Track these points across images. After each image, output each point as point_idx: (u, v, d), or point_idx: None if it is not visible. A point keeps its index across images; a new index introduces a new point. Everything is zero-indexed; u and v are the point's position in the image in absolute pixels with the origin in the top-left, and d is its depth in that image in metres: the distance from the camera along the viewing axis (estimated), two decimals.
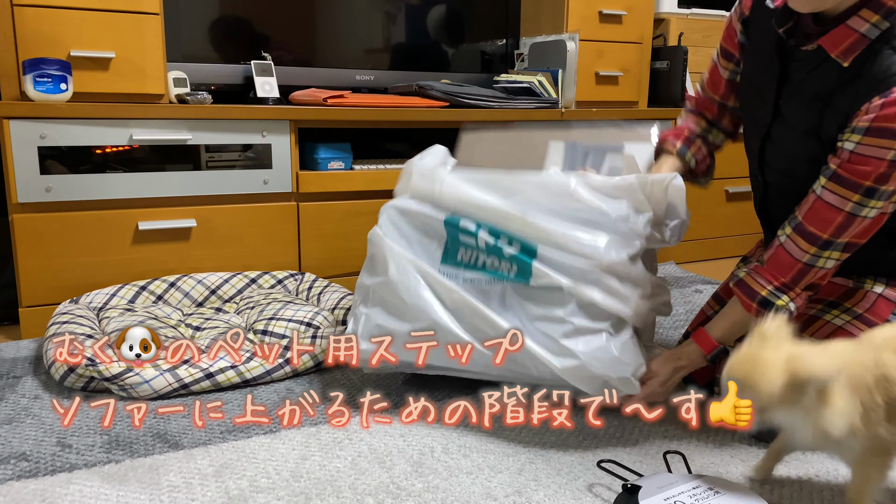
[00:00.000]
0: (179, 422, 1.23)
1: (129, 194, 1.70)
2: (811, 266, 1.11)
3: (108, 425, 1.19)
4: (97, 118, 1.64)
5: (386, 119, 1.93)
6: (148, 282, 1.70)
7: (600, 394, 1.14)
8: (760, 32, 1.24)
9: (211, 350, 1.32)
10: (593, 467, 1.10)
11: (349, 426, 1.22)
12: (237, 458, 1.11)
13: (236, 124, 1.78)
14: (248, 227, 1.83)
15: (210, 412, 1.22)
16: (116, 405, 1.18)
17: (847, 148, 1.05)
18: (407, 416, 1.20)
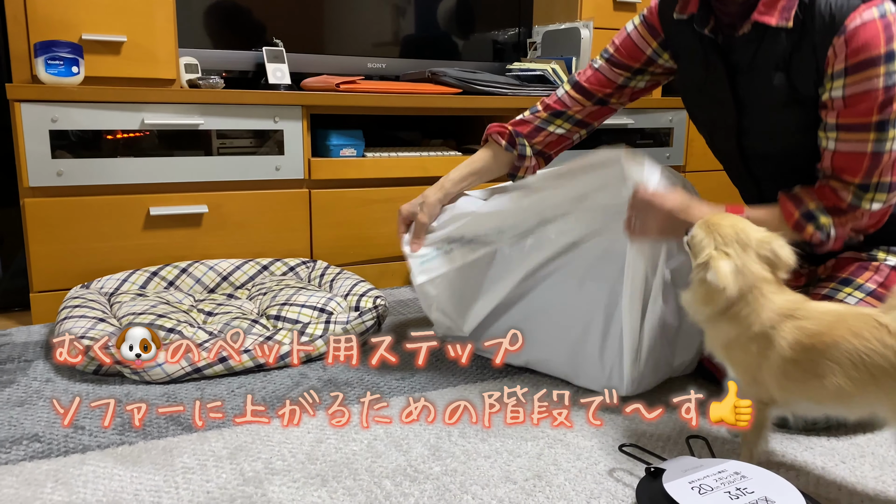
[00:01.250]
0: (192, 405, 1.22)
1: (140, 179, 1.69)
2: (855, 207, 1.09)
3: (107, 425, 1.14)
4: (109, 102, 1.63)
5: (398, 105, 1.91)
6: (159, 267, 1.69)
7: None
8: (682, 47, 1.24)
9: (211, 350, 1.30)
10: (614, 451, 1.08)
11: (364, 410, 1.21)
12: (252, 441, 1.10)
13: (248, 110, 1.76)
14: (260, 214, 1.82)
15: (210, 412, 1.16)
16: (115, 407, 1.14)
17: (836, 96, 1.05)
18: (407, 415, 1.17)
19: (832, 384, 0.89)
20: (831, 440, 1.13)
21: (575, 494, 0.97)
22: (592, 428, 1.16)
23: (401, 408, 1.17)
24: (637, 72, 1.32)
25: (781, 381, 0.94)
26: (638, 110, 2.27)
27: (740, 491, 0.89)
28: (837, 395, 0.90)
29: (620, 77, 1.33)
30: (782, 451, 1.09)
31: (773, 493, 0.89)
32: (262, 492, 0.96)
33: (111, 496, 0.94)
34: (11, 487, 0.96)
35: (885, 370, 0.86)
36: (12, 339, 1.52)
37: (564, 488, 0.98)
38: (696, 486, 0.90)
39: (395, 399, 1.25)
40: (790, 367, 0.93)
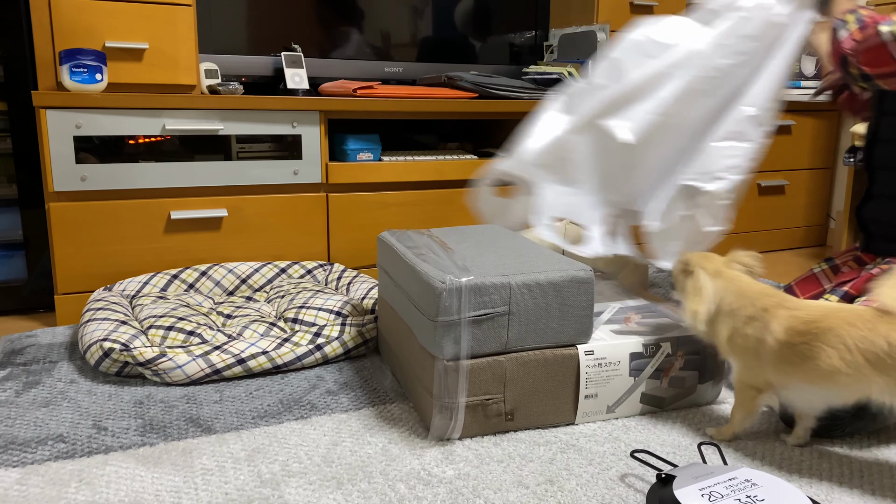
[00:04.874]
0: (212, 407, 1.24)
1: (161, 184, 1.72)
2: None
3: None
4: (131, 108, 1.66)
5: (415, 110, 1.92)
6: (180, 270, 1.72)
7: None
8: None
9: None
10: (626, 457, 1.09)
11: (379, 413, 1.23)
12: (269, 443, 1.12)
13: (267, 115, 1.79)
14: (278, 218, 1.84)
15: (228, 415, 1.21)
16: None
17: None
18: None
19: (827, 365, 0.99)
20: (845, 448, 1.13)
21: (586, 500, 0.98)
22: (604, 433, 1.17)
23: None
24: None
25: (778, 364, 1.05)
26: None
27: (751, 499, 0.90)
28: (831, 376, 0.99)
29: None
30: (796, 459, 1.10)
31: (784, 502, 0.89)
32: (279, 494, 0.98)
33: (133, 496, 0.97)
34: (37, 487, 0.99)
35: (877, 356, 0.96)
36: (38, 341, 1.56)
37: (576, 493, 0.99)
38: (707, 494, 0.91)
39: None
40: (786, 350, 1.03)
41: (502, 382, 1.14)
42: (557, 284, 1.14)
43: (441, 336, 1.09)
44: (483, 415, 1.14)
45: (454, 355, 1.10)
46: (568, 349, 1.17)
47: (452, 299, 1.08)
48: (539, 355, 1.15)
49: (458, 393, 1.11)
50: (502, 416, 1.15)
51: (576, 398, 1.18)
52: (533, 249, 1.29)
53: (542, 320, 1.15)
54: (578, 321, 1.17)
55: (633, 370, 1.20)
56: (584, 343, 1.18)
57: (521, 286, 1.12)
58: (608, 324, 1.28)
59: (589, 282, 1.16)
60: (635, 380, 1.21)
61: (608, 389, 1.20)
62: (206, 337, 1.41)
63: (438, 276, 1.10)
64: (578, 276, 1.16)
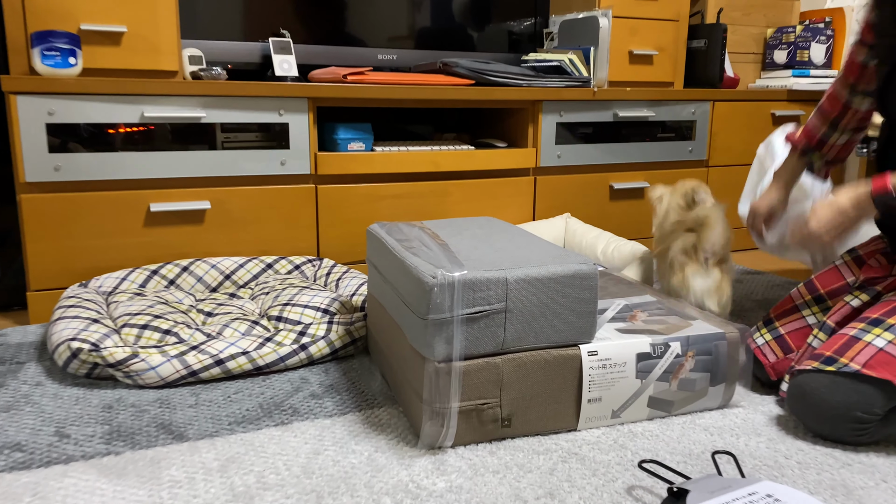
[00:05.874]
0: (186, 412, 1.15)
1: (140, 174, 1.63)
2: None
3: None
4: (107, 94, 1.57)
5: (408, 97, 1.83)
6: (160, 266, 1.63)
7: None
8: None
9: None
10: (633, 468, 1.00)
11: (365, 418, 1.14)
12: (245, 452, 1.03)
13: (252, 102, 1.70)
14: (265, 210, 1.75)
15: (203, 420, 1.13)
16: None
17: None
18: None
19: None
20: (871, 456, 1.04)
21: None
22: (609, 440, 1.08)
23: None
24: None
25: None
26: (658, 102, 2.17)
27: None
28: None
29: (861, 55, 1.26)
30: (819, 469, 1.01)
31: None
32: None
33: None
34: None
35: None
36: (7, 340, 1.47)
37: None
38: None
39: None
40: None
41: (498, 386, 1.05)
42: (558, 279, 1.05)
43: (432, 335, 1.00)
44: (477, 421, 1.05)
45: (446, 356, 1.01)
46: (570, 349, 1.08)
47: (444, 295, 0.99)
48: (538, 356, 1.06)
49: (451, 397, 1.02)
50: (498, 423, 1.06)
51: (578, 402, 1.09)
52: (532, 242, 1.21)
53: (542, 318, 1.06)
54: (581, 319, 1.08)
55: (640, 372, 1.11)
56: (588, 343, 1.09)
57: (518, 281, 1.03)
58: (612, 321, 1.20)
59: (592, 276, 1.07)
60: (642, 382, 1.12)
61: (613, 393, 1.11)
62: (184, 336, 1.32)
63: (429, 271, 1.01)
64: (581, 270, 1.07)
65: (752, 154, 2.38)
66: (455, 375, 1.01)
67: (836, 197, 1.10)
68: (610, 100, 2.10)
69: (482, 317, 1.02)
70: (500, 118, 2.16)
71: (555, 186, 2.08)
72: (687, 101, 2.22)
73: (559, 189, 2.09)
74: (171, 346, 1.27)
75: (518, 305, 1.04)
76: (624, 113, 2.12)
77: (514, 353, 1.05)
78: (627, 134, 2.16)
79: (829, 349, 1.09)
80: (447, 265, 1.03)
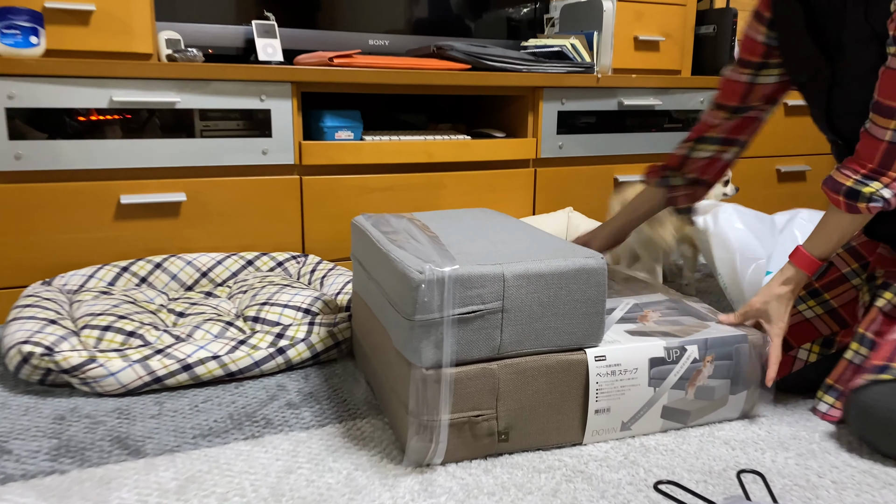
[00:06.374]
0: (146, 423, 1.04)
1: (110, 164, 1.51)
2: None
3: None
4: (72, 76, 1.45)
5: (400, 83, 1.71)
6: (130, 262, 1.51)
7: None
8: (782, 17, 1.13)
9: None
10: (647, 488, 0.88)
11: (346, 431, 1.02)
12: (208, 470, 0.91)
13: (231, 86, 1.58)
14: (245, 203, 1.63)
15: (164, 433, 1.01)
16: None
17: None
18: None
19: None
20: None
21: None
22: (619, 456, 0.96)
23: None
24: (759, 66, 1.19)
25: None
26: (665, 90, 2.05)
27: None
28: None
29: (744, 75, 1.21)
30: (858, 488, 0.89)
31: None
32: None
33: None
34: None
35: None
36: None
37: None
38: None
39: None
40: None
41: (494, 395, 0.93)
42: (562, 275, 0.93)
43: (419, 338, 0.88)
44: (471, 435, 0.93)
45: (435, 362, 0.89)
46: (575, 354, 0.96)
47: (433, 293, 0.87)
48: (539, 362, 0.94)
49: (440, 408, 0.90)
50: (494, 437, 0.94)
51: (584, 413, 0.97)
52: (532, 235, 1.09)
53: (544, 319, 0.94)
54: (587, 320, 0.96)
55: (654, 379, 0.99)
56: (595, 346, 0.97)
57: (517, 277, 0.91)
58: (621, 322, 1.08)
59: (600, 272, 0.95)
60: (656, 390, 1.00)
61: (623, 402, 0.99)
62: (150, 339, 1.20)
63: (415, 265, 0.89)
64: (587, 264, 0.95)
65: (763, 145, 2.26)
66: (445, 384, 0.90)
67: (774, 290, 1.06)
68: (614, 87, 1.98)
69: (476, 317, 0.90)
70: (499, 107, 2.04)
71: (556, 179, 1.96)
72: (696, 90, 2.11)
73: (561, 182, 1.97)
74: (134, 349, 1.15)
75: (517, 304, 0.92)
76: (629, 101, 2.00)
77: (512, 359, 0.93)
78: (633, 124, 2.05)
79: (880, 359, 0.99)
80: (436, 259, 0.91)
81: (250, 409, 1.09)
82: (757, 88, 1.21)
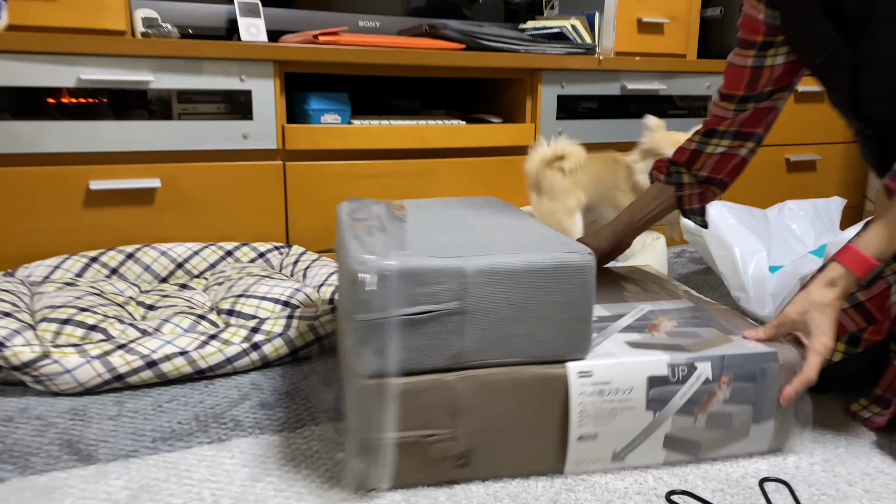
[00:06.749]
0: (102, 425, 0.94)
1: (78, 147, 1.41)
2: None
3: None
4: (35, 52, 1.35)
5: (389, 62, 1.61)
6: (100, 252, 1.41)
7: None
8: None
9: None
10: (657, 499, 0.79)
11: (325, 434, 0.92)
12: (165, 478, 0.81)
13: (209, 65, 1.48)
14: (225, 191, 1.54)
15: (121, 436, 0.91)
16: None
17: None
18: None
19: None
20: None
21: None
22: (609, 492, 0.86)
23: None
24: (764, 46, 1.05)
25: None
26: (670, 74, 1.96)
27: None
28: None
29: (748, 58, 1.06)
30: (893, 497, 0.79)
31: None
32: None
33: None
34: None
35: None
36: None
37: None
38: None
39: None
40: None
41: (452, 412, 0.79)
42: (537, 272, 0.79)
43: (359, 341, 0.75)
44: (423, 458, 0.80)
45: (377, 370, 0.76)
46: (553, 367, 0.81)
47: (375, 289, 0.74)
48: (509, 375, 0.80)
49: (384, 425, 0.77)
50: (452, 461, 0.81)
51: (564, 439, 0.83)
52: (525, 226, 0.95)
53: (515, 324, 0.80)
54: (569, 327, 0.81)
55: (654, 401, 0.83)
56: (579, 359, 0.83)
57: (481, 273, 0.77)
58: (627, 331, 0.93)
59: (585, 269, 0.80)
60: (656, 415, 0.84)
61: (614, 428, 0.83)
62: (113, 333, 1.11)
63: (358, 257, 0.76)
64: (569, 260, 0.80)
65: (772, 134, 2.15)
66: (390, 396, 0.77)
67: (816, 297, 0.88)
68: (617, 70, 1.88)
69: (429, 319, 0.77)
70: (495, 91, 1.95)
71: None
72: (702, 74, 2.01)
73: None
74: (94, 344, 1.05)
75: (481, 305, 0.78)
76: (633, 86, 1.90)
77: (474, 370, 0.79)
78: (636, 109, 1.95)
79: None
80: (383, 249, 0.79)
81: (219, 410, 0.99)
82: (765, 72, 1.07)
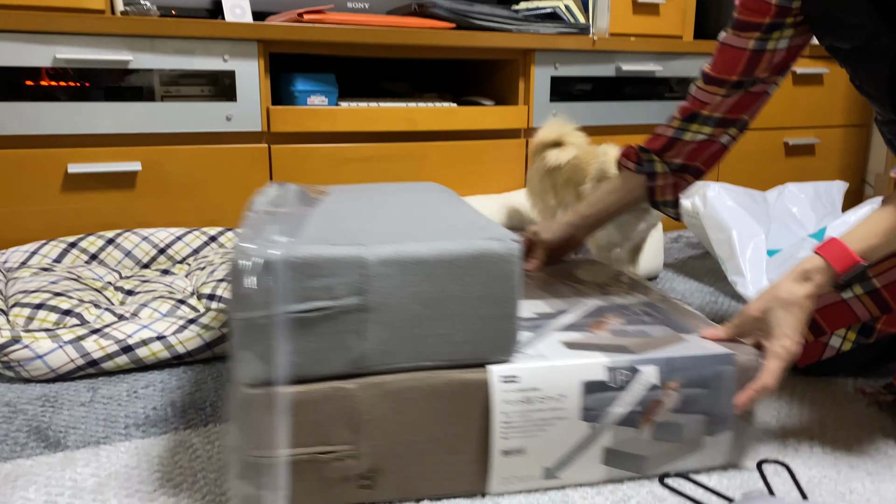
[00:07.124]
0: (74, 412, 0.90)
1: (56, 129, 1.37)
2: None
3: None
4: (8, 31, 1.31)
5: (377, 42, 1.57)
6: (79, 238, 1.37)
7: None
8: None
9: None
10: (651, 483, 0.75)
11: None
12: (136, 465, 0.78)
13: (190, 45, 1.44)
14: (208, 174, 1.49)
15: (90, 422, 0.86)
16: None
17: None
18: None
19: None
20: None
21: None
22: None
23: None
24: (770, 28, 0.94)
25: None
26: (666, 55, 1.92)
27: None
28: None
29: (750, 41, 0.95)
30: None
31: None
32: None
33: None
34: None
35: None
36: None
37: None
38: None
39: None
40: None
41: (352, 425, 0.68)
42: (452, 262, 0.69)
43: (240, 344, 0.65)
44: (319, 478, 0.69)
45: (262, 377, 0.66)
46: (473, 372, 0.71)
47: (259, 283, 0.64)
48: (420, 381, 0.69)
49: (273, 441, 0.67)
50: (354, 481, 0.70)
51: (486, 454, 0.72)
52: (456, 213, 0.83)
53: (427, 322, 0.69)
54: (491, 325, 0.71)
55: (590, 410, 0.72)
56: (503, 362, 0.72)
57: (384, 263, 0.67)
58: (567, 330, 0.81)
59: (508, 258, 0.70)
60: (592, 426, 0.73)
61: (545, 441, 0.72)
62: (88, 317, 1.07)
63: (243, 247, 0.65)
64: (489, 248, 0.70)
65: (770, 117, 2.12)
66: (278, 407, 0.67)
67: (782, 293, 0.78)
68: (612, 51, 1.84)
69: (323, 318, 0.67)
70: (487, 73, 1.90)
71: None
72: (699, 56, 1.97)
73: None
74: (67, 329, 1.01)
75: (385, 301, 0.68)
76: (628, 67, 1.86)
77: (378, 376, 0.69)
78: (631, 92, 1.91)
79: None
80: (272, 237, 0.68)
81: (197, 396, 0.95)
82: (765, 56, 0.96)
